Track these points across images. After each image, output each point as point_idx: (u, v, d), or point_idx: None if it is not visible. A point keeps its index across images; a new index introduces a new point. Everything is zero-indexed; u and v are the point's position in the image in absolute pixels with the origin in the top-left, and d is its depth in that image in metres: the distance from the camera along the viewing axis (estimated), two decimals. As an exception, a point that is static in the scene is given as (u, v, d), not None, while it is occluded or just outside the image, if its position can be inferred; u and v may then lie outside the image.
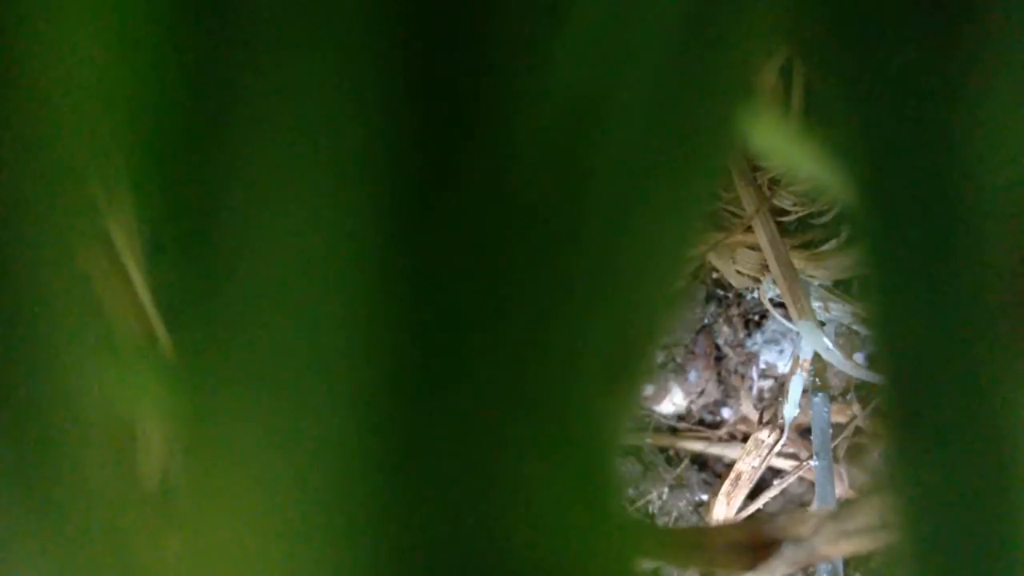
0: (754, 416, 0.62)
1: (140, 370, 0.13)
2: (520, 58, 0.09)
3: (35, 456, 0.10)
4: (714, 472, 0.64)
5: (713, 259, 0.51)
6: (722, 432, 0.64)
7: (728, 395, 0.64)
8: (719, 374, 0.64)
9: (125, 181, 0.09)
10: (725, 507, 0.55)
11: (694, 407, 0.64)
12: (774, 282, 0.47)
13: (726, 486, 0.55)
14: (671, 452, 0.65)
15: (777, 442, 0.53)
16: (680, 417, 0.65)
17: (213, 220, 0.09)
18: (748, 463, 0.54)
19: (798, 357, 0.52)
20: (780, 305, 0.53)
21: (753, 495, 0.57)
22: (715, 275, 0.60)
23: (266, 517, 0.09)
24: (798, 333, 0.48)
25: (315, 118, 0.09)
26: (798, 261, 0.47)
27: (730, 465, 0.57)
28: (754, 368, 0.63)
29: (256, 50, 0.09)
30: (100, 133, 0.09)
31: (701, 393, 0.64)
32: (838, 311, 0.49)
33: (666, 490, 0.63)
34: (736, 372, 0.64)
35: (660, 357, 0.63)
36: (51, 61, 0.09)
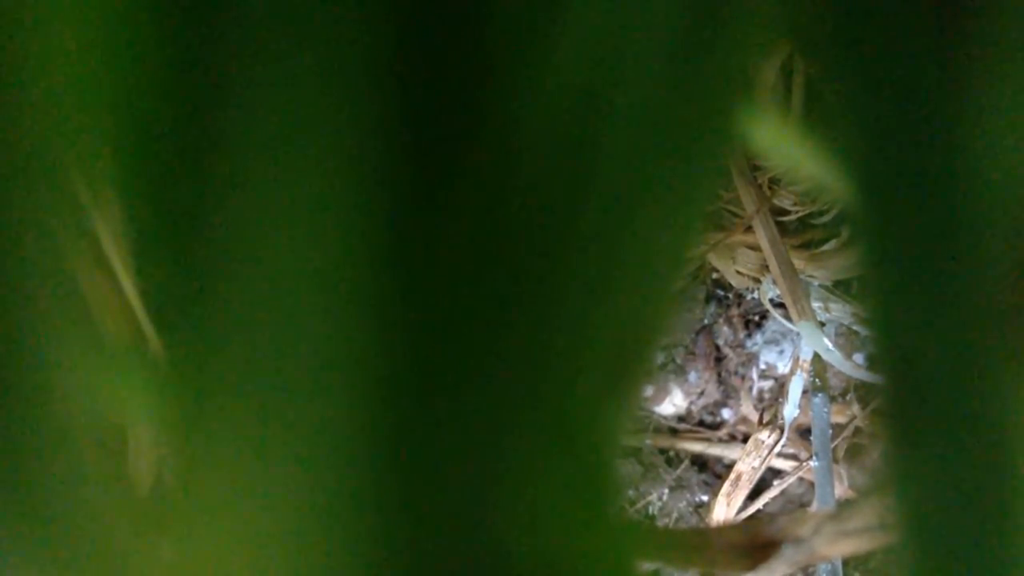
0: (754, 417, 0.62)
1: (129, 373, 0.13)
2: (519, 55, 0.09)
3: (22, 461, 0.10)
4: (714, 473, 0.64)
5: (713, 259, 0.51)
6: (722, 433, 0.64)
7: (728, 396, 0.64)
8: (719, 375, 0.64)
9: (113, 182, 0.09)
10: (725, 508, 0.55)
11: (694, 408, 0.64)
12: (774, 282, 0.47)
13: (726, 487, 0.55)
14: (671, 453, 0.65)
15: (777, 443, 0.53)
16: (680, 418, 0.65)
17: (203, 221, 0.09)
18: (748, 464, 0.54)
19: (798, 357, 0.52)
20: (780, 305, 0.53)
21: (753, 496, 0.57)
22: (715, 275, 0.60)
23: (259, 522, 0.09)
24: (798, 333, 0.48)
25: (309, 117, 0.09)
26: (798, 261, 0.47)
27: (730, 466, 0.57)
28: (754, 369, 0.63)
29: (247, 48, 0.09)
30: (87, 132, 0.09)
31: (701, 394, 0.64)
32: (838, 311, 0.49)
33: (666, 491, 0.63)
34: (736, 373, 0.64)
35: (660, 358, 0.63)
36: (37, 59, 0.09)
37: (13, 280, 0.09)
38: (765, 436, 0.53)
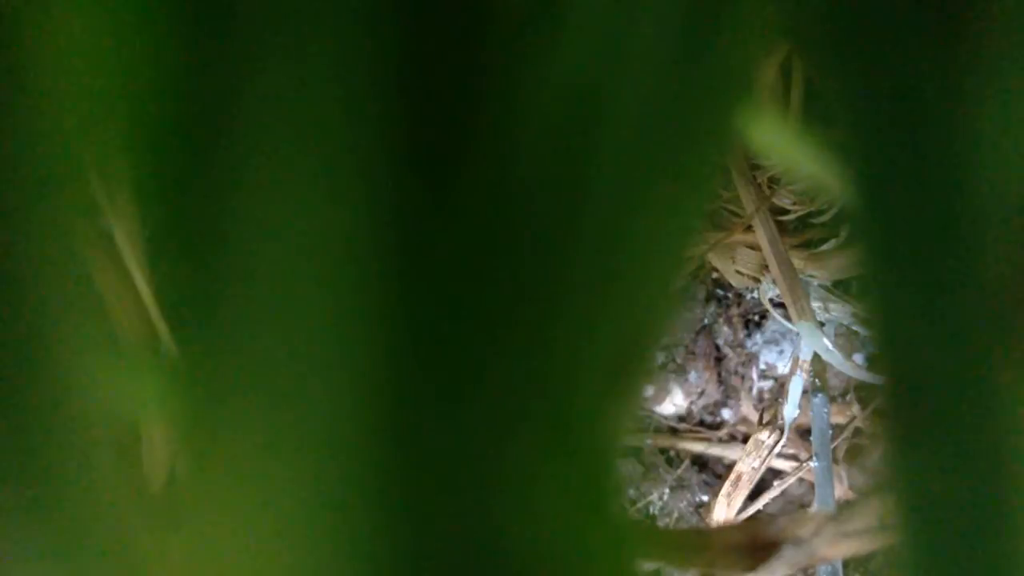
0: (754, 417, 0.62)
1: (143, 372, 0.13)
2: (520, 55, 0.09)
3: (38, 458, 0.10)
4: (714, 473, 0.64)
5: (713, 259, 0.51)
6: (722, 433, 0.64)
7: (728, 396, 0.64)
8: (719, 375, 0.64)
9: (127, 183, 0.09)
10: (725, 508, 0.55)
11: (694, 408, 0.64)
12: (774, 282, 0.47)
13: (726, 487, 0.55)
14: (671, 453, 0.65)
15: (777, 443, 0.53)
16: (680, 418, 0.65)
17: (216, 222, 0.09)
18: (748, 464, 0.54)
19: (798, 358, 0.52)
20: (780, 305, 0.53)
21: (753, 496, 0.57)
22: (715, 275, 0.60)
23: (269, 519, 0.09)
24: (798, 333, 0.48)
25: (315, 119, 0.09)
26: (798, 261, 0.47)
27: (730, 466, 0.57)
28: (754, 369, 0.63)
29: (256, 51, 0.09)
30: (102, 133, 0.09)
31: (701, 394, 0.64)
32: (838, 311, 0.49)
33: (666, 491, 0.63)
34: (736, 373, 0.64)
35: (660, 358, 0.63)
36: (53, 62, 0.09)
37: (30, 280, 0.09)
38: (765, 436, 0.53)
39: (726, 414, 0.64)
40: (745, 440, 0.60)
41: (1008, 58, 0.10)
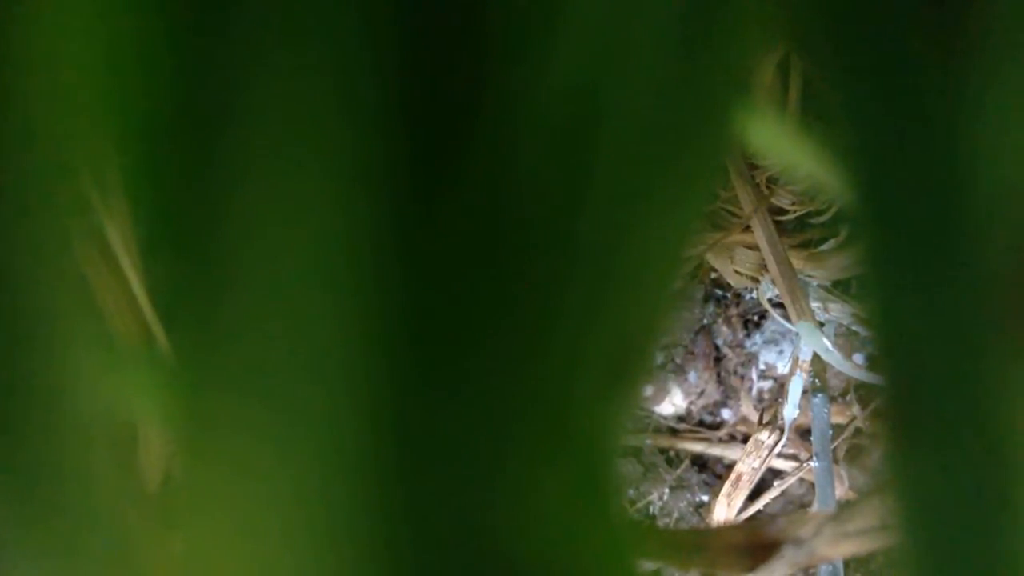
0: (754, 417, 0.62)
1: (139, 371, 0.13)
2: (518, 54, 0.09)
3: (34, 458, 0.10)
4: (714, 473, 0.64)
5: (711, 259, 0.51)
6: (722, 433, 0.64)
7: (728, 396, 0.64)
8: (719, 375, 0.64)
9: (121, 181, 0.09)
10: (725, 508, 0.55)
11: (694, 408, 0.64)
12: (773, 282, 0.47)
13: (726, 487, 0.55)
14: (671, 453, 0.65)
15: (777, 443, 0.53)
16: (680, 418, 0.65)
17: (210, 221, 0.09)
18: (748, 464, 0.54)
19: (797, 358, 0.52)
20: (779, 305, 0.53)
21: (753, 496, 0.57)
22: (714, 275, 0.60)
23: (266, 519, 0.09)
24: (797, 334, 0.48)
25: (312, 116, 0.09)
26: (797, 261, 0.47)
27: (730, 466, 0.57)
28: (754, 369, 0.63)
29: (251, 50, 0.09)
30: (96, 131, 0.09)
31: (701, 394, 0.64)
32: (837, 311, 0.49)
33: (666, 491, 0.63)
34: (736, 373, 0.64)
35: (659, 358, 0.63)
36: (46, 61, 0.09)
37: (24, 280, 0.09)
38: (765, 436, 0.53)
39: (726, 414, 0.64)
40: (745, 440, 0.60)
41: (1008, 57, 0.10)
